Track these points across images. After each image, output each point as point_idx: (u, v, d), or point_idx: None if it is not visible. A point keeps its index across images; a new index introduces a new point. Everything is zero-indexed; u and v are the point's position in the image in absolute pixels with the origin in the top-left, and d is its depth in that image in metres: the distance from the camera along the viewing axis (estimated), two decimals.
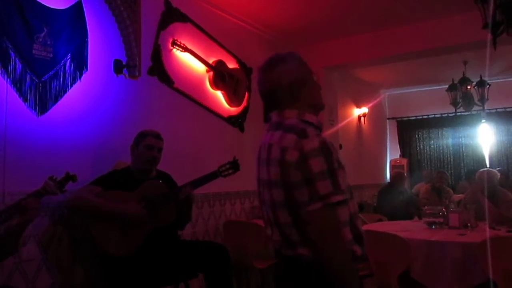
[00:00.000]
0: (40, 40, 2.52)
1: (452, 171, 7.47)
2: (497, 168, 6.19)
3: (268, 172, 1.41)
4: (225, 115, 4.09)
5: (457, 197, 5.26)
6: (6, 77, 2.37)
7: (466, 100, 5.89)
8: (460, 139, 7.69)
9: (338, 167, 1.34)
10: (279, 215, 1.40)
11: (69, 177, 2.15)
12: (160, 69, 3.39)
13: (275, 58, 1.53)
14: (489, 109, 6.87)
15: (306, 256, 1.36)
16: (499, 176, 4.12)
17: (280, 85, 1.48)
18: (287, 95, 1.47)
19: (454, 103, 5.97)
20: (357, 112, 6.97)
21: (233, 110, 4.19)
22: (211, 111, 3.91)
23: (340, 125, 5.83)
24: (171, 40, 3.50)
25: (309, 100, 1.49)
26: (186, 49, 3.59)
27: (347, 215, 1.36)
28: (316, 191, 1.29)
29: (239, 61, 4.28)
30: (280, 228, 1.41)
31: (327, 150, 1.32)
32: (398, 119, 8.14)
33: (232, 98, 4.14)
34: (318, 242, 1.31)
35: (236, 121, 4.22)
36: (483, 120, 7.33)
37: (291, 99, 1.47)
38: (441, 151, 7.85)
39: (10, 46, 2.38)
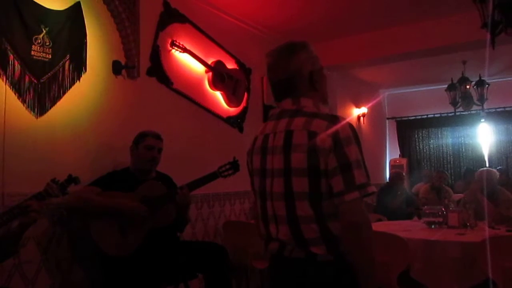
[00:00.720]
0: (39, 41, 2.52)
1: (451, 171, 7.47)
2: (498, 168, 6.21)
3: (285, 160, 1.31)
4: (224, 115, 4.09)
5: (454, 197, 5.26)
6: (5, 79, 2.37)
7: (465, 99, 5.89)
8: (459, 139, 7.69)
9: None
10: (298, 207, 1.29)
11: (72, 180, 2.15)
12: (159, 70, 3.39)
13: (294, 45, 1.43)
14: (488, 109, 6.87)
15: (322, 255, 1.28)
16: (498, 176, 4.13)
17: (301, 73, 1.39)
18: (307, 83, 1.40)
19: (454, 103, 5.97)
20: (357, 112, 6.97)
21: (232, 111, 4.19)
22: (210, 112, 3.92)
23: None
24: (170, 41, 3.50)
25: (323, 92, 1.46)
26: (185, 50, 3.59)
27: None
28: (353, 180, 1.23)
29: (238, 62, 4.28)
30: (294, 224, 1.30)
31: (358, 139, 1.30)
32: (397, 119, 8.14)
33: (231, 99, 4.14)
34: (351, 236, 1.25)
35: (235, 122, 4.22)
36: (482, 120, 7.33)
37: (309, 88, 1.41)
38: (441, 150, 7.85)
39: (9, 48, 2.38)
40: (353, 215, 1.25)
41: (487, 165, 7.06)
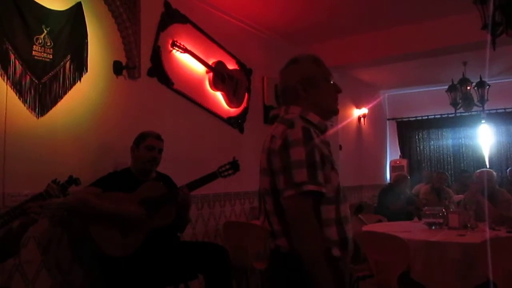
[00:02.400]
0: (40, 41, 2.53)
1: (452, 172, 7.47)
2: (509, 169, 6.24)
3: (260, 161, 1.50)
4: (225, 116, 4.10)
5: (455, 198, 5.26)
6: (6, 79, 2.37)
7: (466, 100, 5.89)
8: (460, 140, 7.69)
9: (325, 164, 1.38)
10: (267, 202, 1.46)
11: (72, 181, 2.15)
12: (160, 70, 3.40)
13: (291, 59, 1.59)
14: (489, 110, 6.88)
15: (283, 247, 1.41)
16: (495, 176, 4.13)
17: (289, 84, 1.55)
18: (294, 93, 1.53)
19: (454, 104, 5.97)
20: (357, 112, 6.97)
21: (233, 111, 4.19)
22: (210, 112, 3.92)
23: (340, 126, 5.84)
24: (170, 41, 3.50)
25: (316, 101, 1.52)
26: (185, 50, 3.59)
27: (333, 214, 1.40)
28: (291, 179, 1.33)
29: (238, 62, 4.28)
30: (267, 217, 1.48)
31: (309, 142, 1.36)
32: (398, 120, 8.14)
33: (232, 99, 4.14)
34: (291, 230, 1.36)
35: (235, 122, 4.22)
36: (483, 121, 7.33)
37: (296, 97, 1.52)
38: (441, 151, 7.85)
39: (10, 48, 2.38)
40: (290, 211, 1.36)
41: (488, 166, 7.06)
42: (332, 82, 1.56)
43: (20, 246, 2.14)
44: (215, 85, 3.91)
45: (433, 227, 3.40)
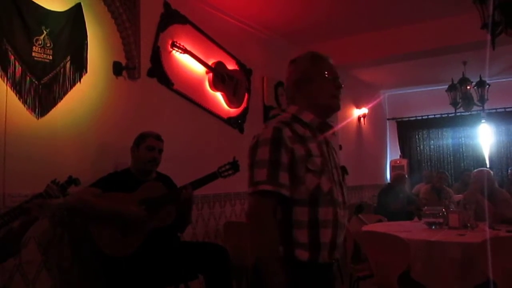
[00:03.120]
0: (40, 42, 2.53)
1: (452, 172, 7.47)
2: (510, 168, 6.23)
3: None
4: (225, 116, 4.10)
5: (455, 197, 5.26)
6: (6, 80, 2.37)
7: (465, 100, 5.90)
8: (460, 139, 7.70)
9: (297, 165, 1.36)
10: None
11: (72, 181, 2.16)
12: (160, 71, 3.40)
13: (290, 60, 1.60)
14: (489, 109, 6.88)
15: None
16: (493, 175, 4.13)
17: (287, 84, 1.57)
18: (291, 92, 1.56)
19: (454, 104, 5.97)
20: (357, 112, 6.98)
21: (233, 111, 4.19)
22: (210, 113, 3.92)
23: (340, 125, 5.84)
24: (170, 42, 3.50)
25: (311, 99, 1.51)
26: (185, 51, 3.59)
27: (305, 217, 1.37)
28: (252, 177, 1.36)
29: (238, 63, 4.29)
30: None
31: (277, 142, 1.36)
32: (398, 120, 8.14)
33: (232, 99, 4.14)
34: (248, 224, 1.40)
35: (235, 122, 4.22)
36: (483, 120, 7.33)
37: (293, 97, 1.54)
38: (441, 151, 7.85)
39: (10, 49, 2.38)
40: (247, 209, 1.41)
41: (488, 165, 7.07)
42: (330, 78, 1.52)
43: (21, 246, 2.14)
44: (215, 85, 3.92)
45: (433, 227, 3.39)
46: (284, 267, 1.33)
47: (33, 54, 2.50)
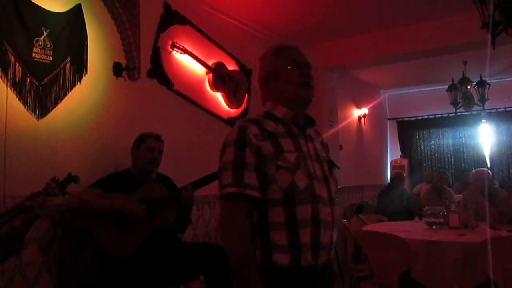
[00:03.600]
0: (40, 43, 2.53)
1: (452, 171, 7.47)
2: None
3: None
4: (225, 116, 4.10)
5: (455, 197, 5.26)
6: (6, 81, 2.37)
7: (466, 100, 5.89)
8: (460, 139, 7.69)
9: (266, 164, 1.29)
10: None
11: (71, 178, 2.16)
12: (160, 72, 3.40)
13: (259, 57, 1.57)
14: (489, 109, 6.86)
15: None
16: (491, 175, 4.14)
17: (258, 82, 1.55)
18: (263, 90, 1.52)
19: (454, 103, 5.96)
20: (357, 112, 6.97)
21: (233, 112, 4.19)
22: (210, 113, 3.92)
23: (340, 126, 5.83)
24: (170, 43, 3.50)
25: (281, 94, 1.44)
26: (185, 51, 3.60)
27: (282, 217, 1.29)
28: (221, 181, 1.32)
29: (238, 63, 4.29)
30: None
31: (241, 142, 1.31)
32: (398, 120, 8.13)
33: (232, 100, 4.14)
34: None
35: (235, 123, 4.22)
36: (483, 120, 7.32)
37: (265, 93, 1.51)
38: (442, 151, 7.84)
39: (10, 50, 2.38)
40: (218, 213, 1.36)
41: (488, 165, 7.06)
42: (296, 66, 1.43)
43: (24, 243, 2.12)
44: (215, 86, 3.92)
45: (434, 227, 3.40)
46: (263, 273, 1.26)
47: (33, 55, 2.50)
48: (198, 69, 3.80)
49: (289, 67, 1.43)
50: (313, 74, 1.47)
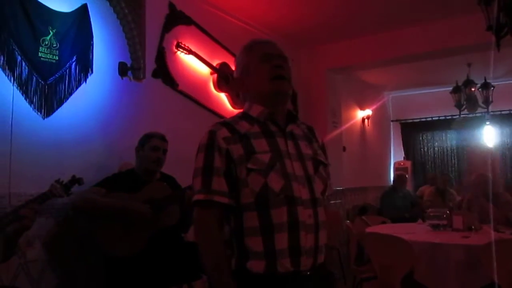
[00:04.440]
0: (46, 43, 2.55)
1: (456, 174, 7.45)
2: None
3: None
4: (229, 117, 4.10)
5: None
6: (12, 80, 2.39)
7: (470, 102, 5.88)
8: (464, 142, 7.67)
9: (236, 168, 1.24)
10: None
11: (75, 180, 2.16)
12: (165, 72, 3.41)
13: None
14: (493, 111, 6.85)
15: None
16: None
17: (236, 83, 1.48)
18: (240, 90, 1.47)
19: (458, 105, 5.95)
20: (361, 114, 6.97)
21: (237, 112, 4.19)
22: (215, 113, 3.93)
23: (343, 127, 5.84)
24: (175, 43, 3.52)
25: (255, 91, 1.38)
26: (190, 52, 3.61)
27: (256, 222, 1.22)
28: (194, 187, 1.29)
29: None
30: None
31: (211, 146, 1.28)
32: (402, 121, 8.12)
33: (236, 100, 4.15)
34: None
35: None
36: (487, 122, 7.30)
37: (242, 94, 1.46)
38: (445, 153, 7.83)
39: (16, 49, 2.40)
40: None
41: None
42: (265, 59, 1.36)
43: (13, 252, 2.04)
44: (219, 86, 3.93)
45: (437, 229, 3.39)
46: (239, 281, 1.22)
47: (40, 54, 2.51)
48: (202, 70, 3.81)
49: (260, 59, 1.36)
50: (289, 67, 1.38)
